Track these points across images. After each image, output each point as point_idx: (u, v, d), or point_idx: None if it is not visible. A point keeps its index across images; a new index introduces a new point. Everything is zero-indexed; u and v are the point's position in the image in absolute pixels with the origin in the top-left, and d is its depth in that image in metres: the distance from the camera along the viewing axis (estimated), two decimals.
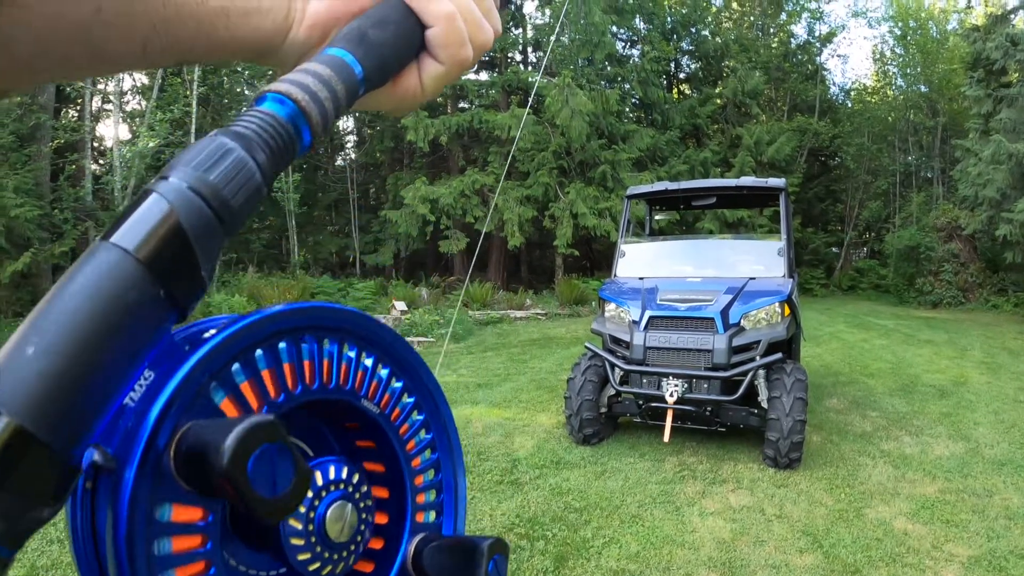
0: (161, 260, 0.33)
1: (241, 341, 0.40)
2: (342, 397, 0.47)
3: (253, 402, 0.40)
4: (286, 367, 0.43)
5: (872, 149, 30.14)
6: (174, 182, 0.35)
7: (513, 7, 23.44)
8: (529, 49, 23.89)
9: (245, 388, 0.40)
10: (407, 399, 0.52)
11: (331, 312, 0.46)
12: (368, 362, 0.49)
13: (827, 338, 13.36)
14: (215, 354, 0.38)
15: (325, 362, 0.45)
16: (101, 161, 19.49)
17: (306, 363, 0.44)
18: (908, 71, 31.40)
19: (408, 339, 12.58)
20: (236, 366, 0.40)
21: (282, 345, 0.42)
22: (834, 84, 34.11)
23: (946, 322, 17.48)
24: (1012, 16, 19.86)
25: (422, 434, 0.53)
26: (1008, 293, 20.79)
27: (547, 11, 21.77)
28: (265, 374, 0.41)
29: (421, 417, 0.53)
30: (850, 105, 33.73)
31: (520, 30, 23.00)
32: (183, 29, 0.46)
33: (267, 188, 0.40)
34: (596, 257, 25.39)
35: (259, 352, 0.41)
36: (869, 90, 34.54)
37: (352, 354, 0.47)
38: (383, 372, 0.50)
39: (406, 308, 14.20)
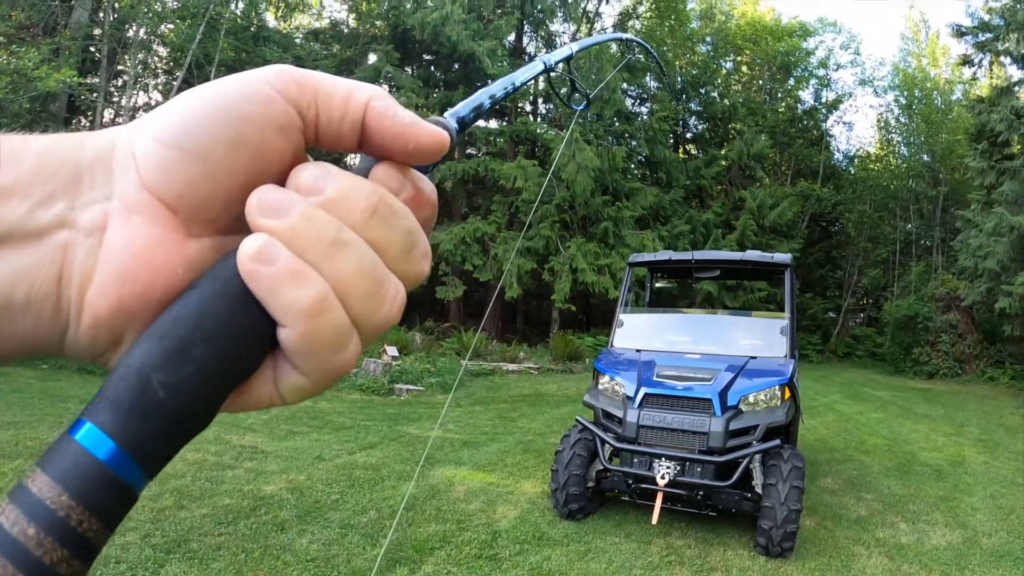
0: None
1: None
2: None
3: None
4: None
5: (873, 217, 30.31)
6: None
7: (527, 59, 23.64)
8: (540, 100, 24.08)
9: None
10: None
11: None
12: None
13: (822, 409, 13.16)
14: None
15: None
16: None
17: None
18: (912, 140, 31.73)
19: (397, 386, 12.39)
20: None
21: None
22: (838, 151, 34.45)
23: (942, 394, 17.35)
24: (1016, 88, 20.03)
25: None
26: (1005, 365, 20.68)
27: (560, 66, 22.01)
28: None
29: None
30: (853, 172, 34.02)
31: (532, 81, 23.20)
32: None
33: None
34: (593, 312, 25.27)
35: None
36: (872, 157, 34.86)
37: None
38: None
39: (397, 354, 13.99)
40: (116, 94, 18.93)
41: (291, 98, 0.36)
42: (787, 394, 5.42)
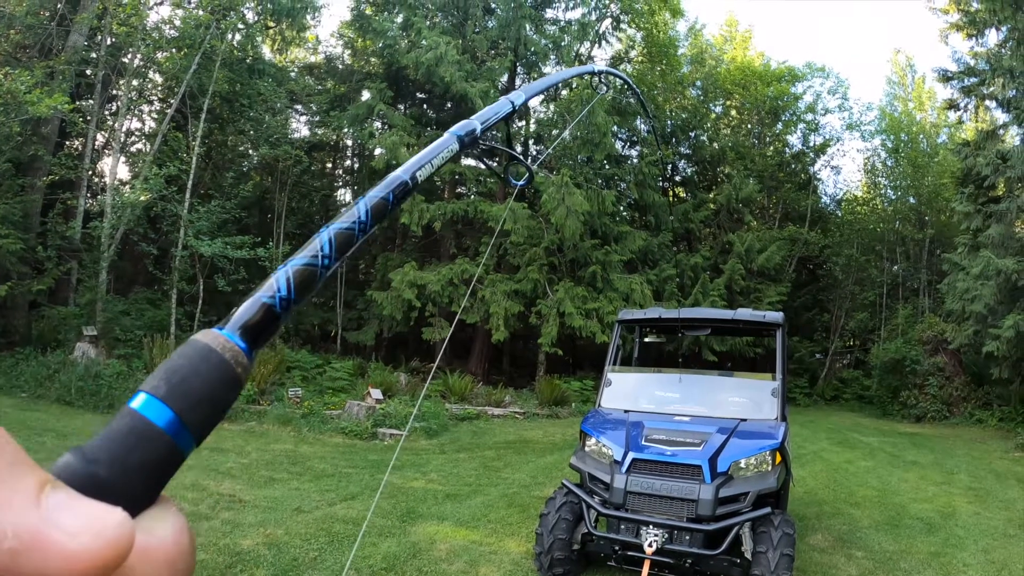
0: None
1: None
2: None
3: None
4: None
5: (860, 260, 30.44)
6: None
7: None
8: (531, 142, 24.18)
9: None
10: None
11: None
12: None
13: (811, 458, 13.02)
14: None
15: None
16: (100, 196, 19.12)
17: None
18: (898, 183, 31.99)
19: (380, 431, 12.18)
20: None
21: None
22: (826, 194, 34.66)
23: (931, 439, 17.26)
24: (1001, 132, 20.22)
25: None
26: (993, 407, 20.64)
27: (551, 106, 22.14)
28: None
29: None
30: (840, 215, 34.22)
31: (524, 123, 23.27)
32: None
33: None
34: (579, 355, 25.12)
35: None
36: (859, 201, 35.08)
37: None
38: None
39: (381, 397, 13.79)
40: (110, 119, 18.87)
41: None
42: (778, 459, 5.31)
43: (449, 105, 23.33)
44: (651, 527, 4.98)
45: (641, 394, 6.57)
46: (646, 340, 8.03)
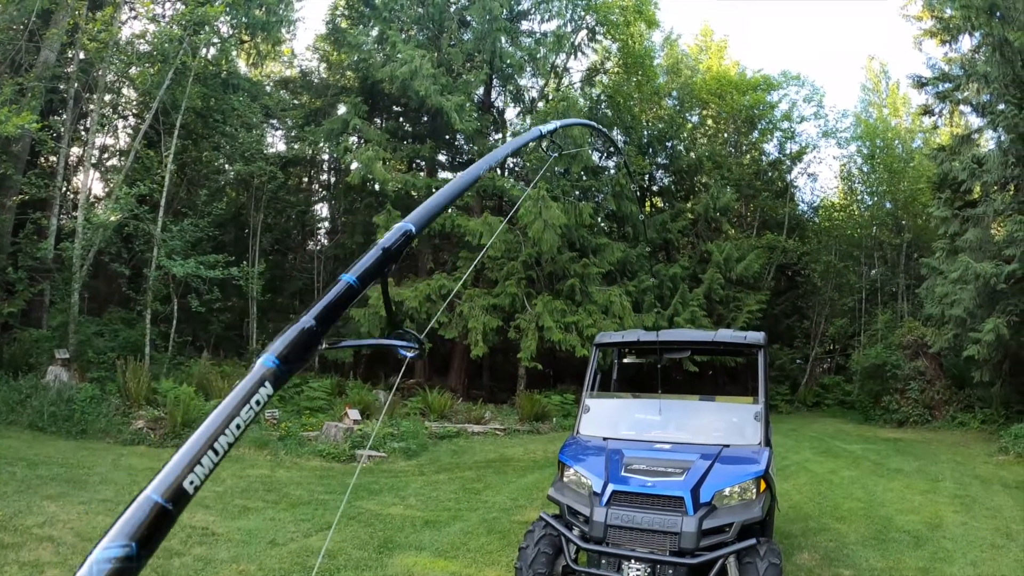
0: None
1: None
2: None
3: None
4: None
5: (839, 266, 30.56)
6: None
7: (495, 112, 23.63)
8: (509, 157, 24.05)
9: None
10: None
11: None
12: None
13: (794, 469, 12.92)
14: None
15: None
16: (74, 214, 18.71)
17: None
18: (875, 189, 32.17)
19: (358, 452, 11.93)
20: None
21: None
22: (803, 202, 34.72)
23: (914, 444, 17.27)
24: (976, 136, 20.32)
25: None
26: (975, 410, 20.71)
27: (528, 119, 22.00)
28: None
29: None
30: (818, 222, 34.35)
31: (500, 135, 23.13)
32: None
33: None
34: (560, 368, 24.94)
35: None
36: (836, 207, 35.24)
37: None
38: None
39: (359, 417, 13.51)
40: (83, 134, 18.52)
41: None
42: (763, 486, 5.16)
43: (425, 119, 23.18)
44: (633, 561, 4.82)
45: (620, 420, 6.41)
46: (625, 361, 7.88)
